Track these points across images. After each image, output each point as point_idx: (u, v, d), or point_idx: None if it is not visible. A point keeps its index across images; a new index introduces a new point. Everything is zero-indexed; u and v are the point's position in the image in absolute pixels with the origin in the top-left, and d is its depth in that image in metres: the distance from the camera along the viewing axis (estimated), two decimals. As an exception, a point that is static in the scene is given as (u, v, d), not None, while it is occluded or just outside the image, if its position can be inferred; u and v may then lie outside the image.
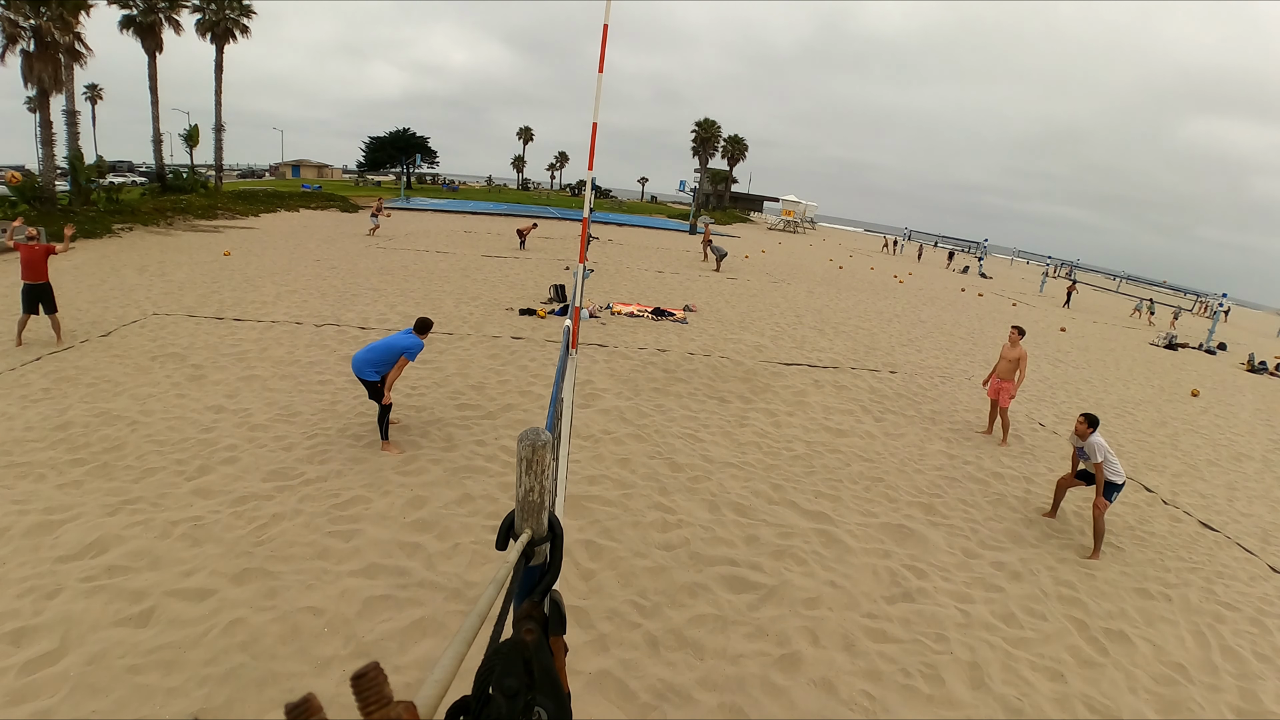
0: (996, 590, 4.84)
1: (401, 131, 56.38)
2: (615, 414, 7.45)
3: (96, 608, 3.62)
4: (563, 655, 1.10)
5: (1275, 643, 4.72)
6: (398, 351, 5.78)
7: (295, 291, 12.38)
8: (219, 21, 28.62)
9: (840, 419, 8.27)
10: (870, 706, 3.56)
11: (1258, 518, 7.09)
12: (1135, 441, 9.26)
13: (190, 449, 5.63)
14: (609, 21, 4.47)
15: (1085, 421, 5.88)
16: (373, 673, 0.53)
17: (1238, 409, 12.88)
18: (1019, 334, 8.17)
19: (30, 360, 7.49)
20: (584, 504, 5.31)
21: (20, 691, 3.05)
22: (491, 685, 0.80)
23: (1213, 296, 37.81)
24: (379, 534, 4.59)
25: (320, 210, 31.36)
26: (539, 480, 1.12)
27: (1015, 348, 8.11)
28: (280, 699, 3.15)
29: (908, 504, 6.09)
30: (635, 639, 3.83)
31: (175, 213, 22.27)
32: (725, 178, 65.49)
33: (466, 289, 14.25)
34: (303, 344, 8.99)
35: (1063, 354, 15.81)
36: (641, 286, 17.00)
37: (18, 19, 17.77)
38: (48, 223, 16.42)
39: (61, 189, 20.41)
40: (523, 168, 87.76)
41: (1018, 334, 8.17)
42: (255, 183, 46.65)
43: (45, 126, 19.12)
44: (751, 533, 5.20)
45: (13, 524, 4.31)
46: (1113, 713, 3.76)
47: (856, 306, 18.53)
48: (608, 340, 10.88)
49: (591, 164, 4.93)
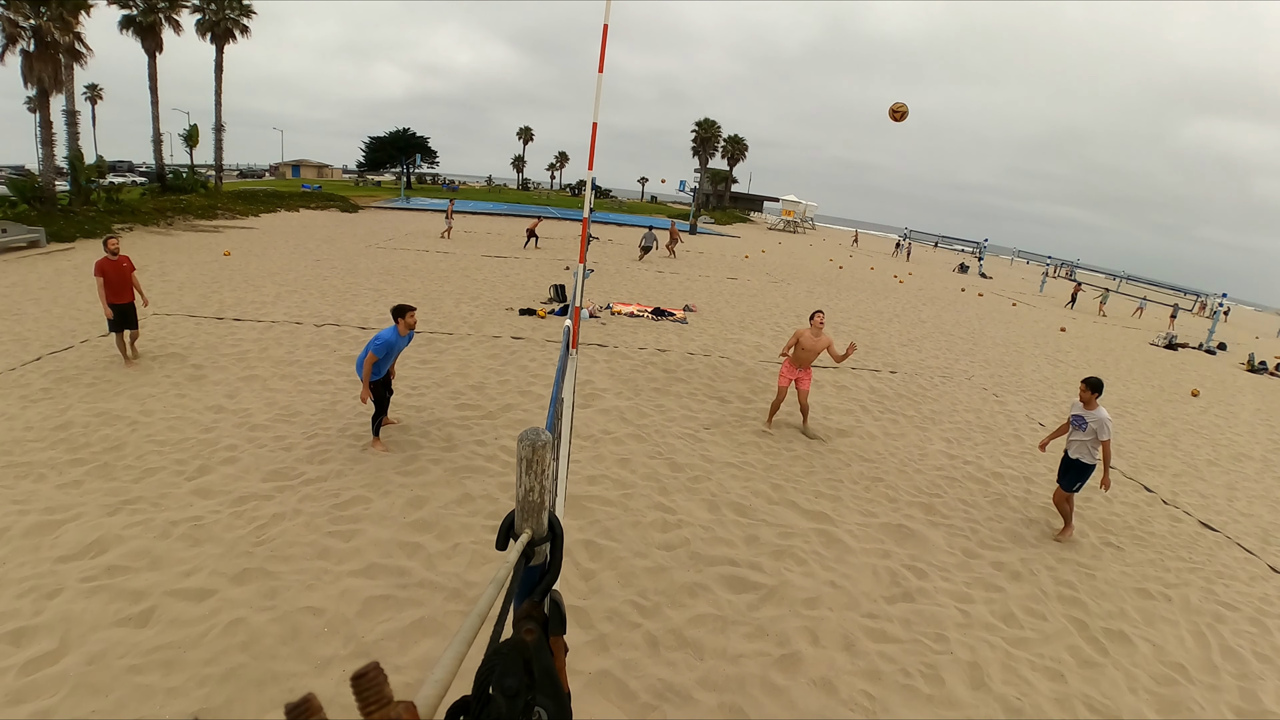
0: (996, 590, 4.84)
1: (401, 131, 56.36)
2: (615, 414, 7.45)
3: (96, 608, 3.62)
4: (563, 655, 1.10)
5: (1275, 643, 4.72)
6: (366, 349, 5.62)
7: (295, 291, 12.38)
8: (219, 21, 28.61)
9: (840, 419, 8.27)
10: (870, 706, 3.56)
11: (1258, 518, 7.09)
12: (1135, 441, 9.26)
13: (190, 449, 5.63)
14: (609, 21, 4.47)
15: (1088, 386, 5.21)
16: (373, 673, 0.53)
17: (1238, 409, 12.88)
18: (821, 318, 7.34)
19: (30, 360, 7.49)
20: (584, 504, 5.31)
21: (20, 691, 3.05)
22: (491, 685, 0.79)
23: (1213, 296, 37.81)
24: (379, 534, 4.59)
25: (320, 210, 31.35)
26: (539, 480, 1.12)
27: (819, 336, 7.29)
28: (280, 699, 3.15)
29: (908, 504, 6.09)
30: (635, 639, 3.83)
31: (175, 213, 22.27)
32: (725, 178, 65.50)
33: (466, 289, 14.25)
34: (303, 344, 8.99)
35: (1063, 354, 15.81)
36: (641, 286, 17.00)
37: (18, 19, 17.77)
38: (48, 223, 16.44)
39: (61, 189, 20.40)
40: (523, 168, 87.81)
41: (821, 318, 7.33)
42: (255, 183, 46.64)
43: (45, 126, 19.12)
44: (751, 533, 5.20)
45: (13, 524, 4.31)
46: (1113, 713, 3.75)
47: (856, 306, 18.54)
48: (608, 340, 10.88)
49: (591, 164, 4.93)
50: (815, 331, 7.31)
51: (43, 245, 15.32)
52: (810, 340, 7.31)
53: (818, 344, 7.30)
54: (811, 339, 7.31)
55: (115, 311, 7.36)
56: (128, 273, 7.51)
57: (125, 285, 7.45)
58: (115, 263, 7.41)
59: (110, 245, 7.47)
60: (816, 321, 7.32)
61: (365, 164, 58.35)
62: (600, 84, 4.56)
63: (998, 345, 15.56)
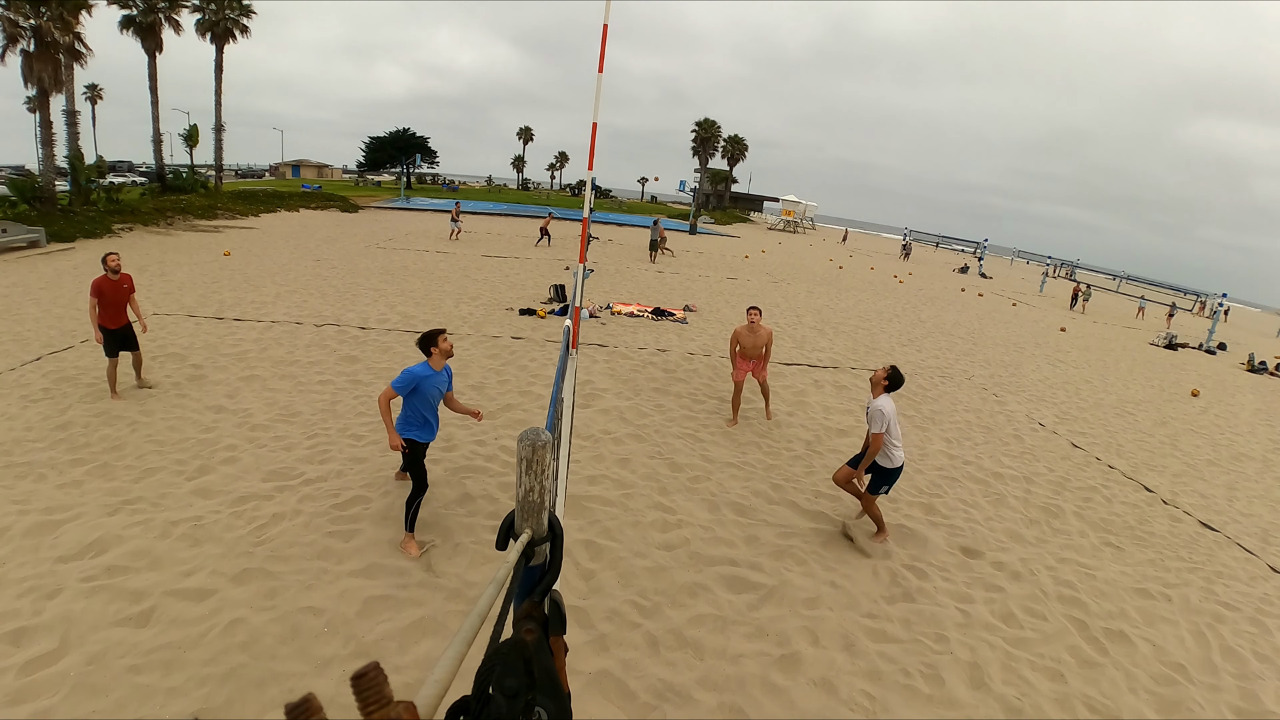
0: (996, 590, 4.84)
1: (401, 131, 56.37)
2: (615, 414, 7.45)
3: (96, 608, 3.62)
4: (563, 655, 1.10)
5: (1275, 643, 4.72)
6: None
7: (295, 291, 12.38)
8: (219, 21, 28.61)
9: (840, 419, 8.27)
10: (870, 706, 3.56)
11: (1258, 518, 7.09)
12: (1135, 441, 9.26)
13: (190, 449, 5.63)
14: (609, 22, 4.47)
15: (885, 373, 4.91)
16: (373, 673, 0.53)
17: (1238, 409, 12.87)
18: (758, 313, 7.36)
19: (30, 360, 7.49)
20: (584, 504, 5.31)
21: (20, 691, 3.05)
22: (491, 685, 0.80)
23: (1212, 296, 37.81)
24: (379, 534, 4.59)
25: (320, 210, 31.34)
26: (539, 480, 1.12)
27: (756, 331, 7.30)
28: (280, 699, 3.15)
29: (908, 504, 6.09)
30: (635, 639, 3.83)
31: (175, 213, 22.26)
32: (725, 178, 65.51)
33: (466, 289, 14.25)
34: (303, 344, 8.99)
35: (1062, 354, 15.81)
36: (641, 286, 17.01)
37: (18, 19, 17.77)
38: (48, 223, 16.43)
39: (61, 189, 20.40)
40: (523, 168, 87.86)
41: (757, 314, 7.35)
42: (255, 183, 46.64)
43: (45, 126, 19.11)
44: (751, 533, 5.20)
45: (13, 524, 4.31)
46: (1113, 713, 3.75)
47: (856, 306, 18.54)
48: (608, 340, 10.88)
49: (591, 164, 4.93)
50: (751, 329, 7.30)
51: (43, 245, 15.32)
52: (749, 338, 7.31)
53: (758, 339, 7.30)
54: (749, 336, 7.31)
55: (110, 336, 6.62)
56: (127, 294, 6.76)
57: (122, 308, 6.72)
58: (115, 283, 6.64)
59: (110, 263, 6.61)
60: (751, 317, 7.31)
61: (365, 164, 58.35)
62: (600, 84, 4.56)
63: (998, 345, 15.56)
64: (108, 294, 6.58)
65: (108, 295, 6.58)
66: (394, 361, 8.56)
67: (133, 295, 6.88)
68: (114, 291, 6.64)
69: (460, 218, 24.85)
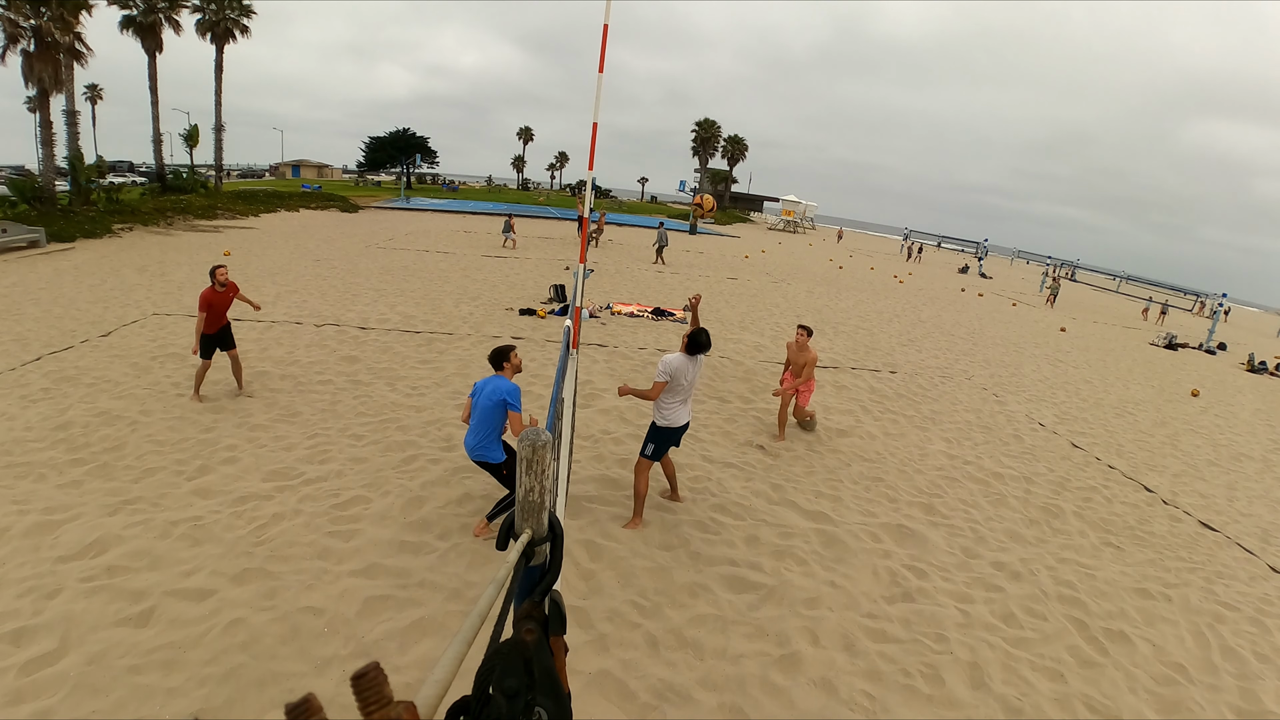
0: (996, 590, 4.84)
1: (401, 131, 56.41)
2: (615, 414, 7.45)
3: (96, 608, 3.62)
4: (563, 655, 1.10)
5: (1275, 643, 4.72)
6: (500, 403, 4.52)
7: (295, 291, 12.38)
8: (219, 21, 28.62)
9: (840, 419, 8.27)
10: (870, 706, 3.55)
11: (1258, 518, 7.09)
12: (1135, 441, 9.26)
13: (190, 449, 5.63)
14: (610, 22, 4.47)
15: (688, 341, 4.85)
16: (373, 673, 0.53)
17: (1238, 409, 12.87)
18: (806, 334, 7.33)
19: (30, 360, 7.49)
20: (584, 504, 5.31)
21: (20, 691, 3.05)
22: (492, 685, 0.80)
23: (1213, 296, 37.80)
24: (379, 534, 4.59)
25: (320, 210, 31.35)
26: (539, 480, 1.12)
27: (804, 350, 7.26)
28: (280, 699, 3.15)
29: (908, 504, 6.09)
30: (635, 639, 3.83)
31: (175, 213, 22.27)
32: (725, 178, 65.52)
33: (466, 289, 14.25)
34: (303, 344, 8.99)
35: (1063, 354, 15.81)
36: (641, 286, 17.01)
37: (18, 19, 17.77)
38: (48, 223, 16.44)
39: (62, 189, 20.41)
40: (523, 168, 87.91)
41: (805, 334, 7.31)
42: (255, 183, 46.64)
43: (45, 126, 19.12)
44: (751, 533, 5.20)
45: (13, 524, 4.31)
46: (1113, 713, 3.75)
47: (856, 306, 18.54)
48: (608, 340, 10.88)
49: (591, 164, 4.92)
50: (798, 346, 7.30)
51: (43, 245, 15.32)
52: (795, 354, 7.36)
53: (800, 357, 7.28)
54: (795, 352, 7.36)
55: (208, 339, 6.65)
56: (231, 302, 6.81)
57: (225, 314, 6.78)
58: (223, 295, 6.65)
59: (220, 276, 6.60)
60: (798, 336, 7.31)
61: (365, 164, 58.39)
62: (600, 84, 4.56)
63: (998, 345, 15.56)
64: (217, 306, 6.64)
65: (217, 307, 6.65)
66: (394, 361, 8.57)
67: (238, 294, 6.97)
68: (223, 303, 6.70)
69: (514, 228, 23.29)
